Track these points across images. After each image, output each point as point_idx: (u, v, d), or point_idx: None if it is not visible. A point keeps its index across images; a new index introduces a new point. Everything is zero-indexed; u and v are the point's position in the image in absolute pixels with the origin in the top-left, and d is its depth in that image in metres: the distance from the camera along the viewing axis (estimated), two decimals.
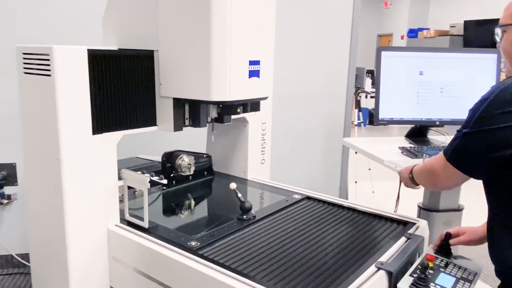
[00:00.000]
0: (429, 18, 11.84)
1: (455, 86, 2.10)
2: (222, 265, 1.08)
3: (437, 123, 2.11)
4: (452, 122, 2.14)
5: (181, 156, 1.70)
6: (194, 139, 2.03)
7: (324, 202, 1.56)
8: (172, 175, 1.70)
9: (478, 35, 9.31)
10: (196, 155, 1.78)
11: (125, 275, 1.30)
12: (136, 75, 1.34)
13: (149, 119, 1.40)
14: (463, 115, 2.12)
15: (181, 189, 1.71)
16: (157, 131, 1.45)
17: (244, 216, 1.37)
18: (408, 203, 2.61)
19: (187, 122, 1.44)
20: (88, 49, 1.21)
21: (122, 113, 1.32)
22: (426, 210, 2.09)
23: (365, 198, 4.26)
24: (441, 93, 2.09)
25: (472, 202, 2.49)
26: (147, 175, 1.30)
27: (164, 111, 1.40)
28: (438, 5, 11.52)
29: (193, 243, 1.19)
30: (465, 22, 9.78)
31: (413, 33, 11.48)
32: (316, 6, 2.81)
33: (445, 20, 10.81)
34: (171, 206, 1.61)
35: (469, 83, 2.11)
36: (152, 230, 1.28)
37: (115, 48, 1.43)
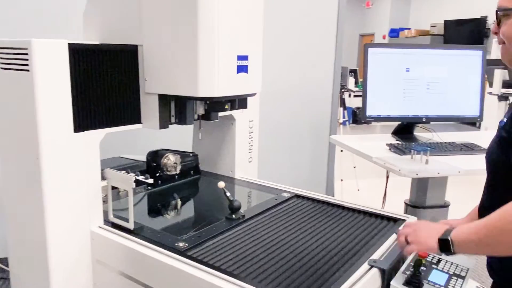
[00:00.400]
0: (410, 17, 12.03)
1: (441, 83, 2.11)
2: (211, 266, 1.04)
3: (424, 119, 2.13)
4: (438, 119, 2.15)
5: (166, 155, 1.65)
6: (179, 138, 1.98)
7: (313, 200, 1.54)
8: (157, 174, 1.65)
9: (458, 34, 9.52)
10: (182, 154, 1.74)
11: (109, 279, 1.25)
12: (119, 70, 1.29)
13: (134, 116, 1.35)
14: (449, 111, 2.15)
15: (167, 188, 1.67)
16: (142, 130, 1.40)
17: (233, 216, 1.34)
18: (394, 200, 2.63)
19: (173, 119, 1.40)
20: (68, 43, 1.15)
21: (105, 110, 1.27)
22: (413, 206, 2.10)
23: (350, 196, 4.28)
24: (427, 89, 2.10)
25: (458, 198, 2.52)
26: (132, 174, 1.25)
27: (149, 108, 1.35)
28: (418, 5, 11.70)
29: (181, 244, 1.15)
30: (445, 21, 9.97)
31: (394, 32, 11.65)
32: (302, 6, 2.81)
33: (425, 19, 10.99)
34: (157, 207, 1.56)
35: (454, 80, 2.12)
36: (137, 232, 1.24)
37: (97, 42, 1.38)
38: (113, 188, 1.32)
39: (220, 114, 1.55)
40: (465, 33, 9.29)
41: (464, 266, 1.16)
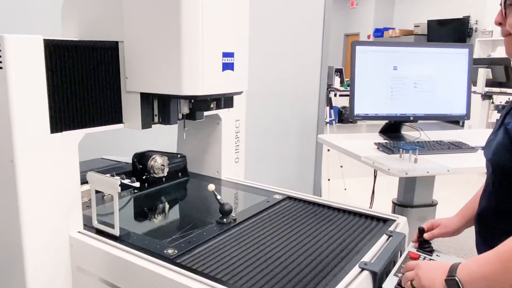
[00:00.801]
0: (394, 17, 12.15)
1: (428, 81, 2.10)
2: (202, 274, 0.99)
3: (411, 118, 2.11)
4: (425, 117, 2.14)
5: (153, 156, 1.58)
6: (164, 138, 1.93)
7: (306, 201, 1.50)
8: (144, 177, 1.59)
9: (441, 34, 9.66)
10: (170, 155, 1.67)
11: (90, 287, 1.19)
12: (98, 68, 1.23)
13: (114, 116, 1.29)
14: (436, 110, 2.15)
15: (154, 192, 1.60)
16: (124, 130, 1.35)
17: (224, 220, 1.28)
18: (381, 199, 2.62)
19: (156, 119, 1.35)
20: (44, 39, 1.09)
21: (83, 110, 1.21)
22: (401, 206, 2.09)
23: (337, 195, 4.27)
24: (414, 88, 2.09)
25: (445, 197, 2.52)
26: (117, 178, 1.19)
27: (131, 107, 1.29)
28: (402, 5, 11.83)
29: (170, 251, 1.09)
30: (428, 21, 10.10)
31: (379, 32, 11.75)
32: (288, 5, 2.78)
33: (409, 19, 11.11)
34: (144, 211, 1.50)
35: (442, 78, 2.12)
36: (123, 238, 1.17)
37: (76, 39, 1.31)
38: (97, 192, 1.26)
39: (206, 113, 1.51)
40: (448, 32, 9.42)
41: None
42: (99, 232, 1.21)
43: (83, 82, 1.20)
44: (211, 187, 1.31)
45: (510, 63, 4.55)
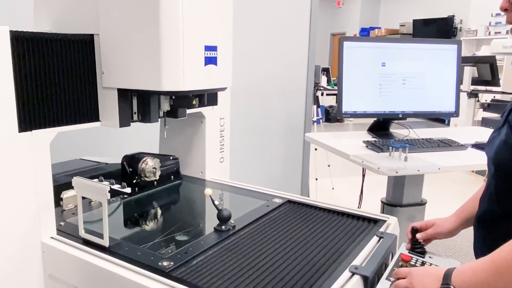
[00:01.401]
0: (380, 17, 12.23)
1: (417, 78, 2.07)
2: None
3: (400, 115, 2.08)
4: (414, 115, 2.11)
5: (144, 159, 1.49)
6: (145, 137, 1.86)
7: (308, 205, 1.42)
8: (134, 181, 1.49)
9: (425, 33, 9.76)
10: (162, 158, 1.58)
11: None
12: (72, 62, 1.16)
13: (90, 114, 1.22)
14: (425, 107, 2.12)
15: (145, 197, 1.50)
16: (101, 128, 1.27)
17: (223, 227, 1.20)
18: (369, 199, 2.59)
19: (135, 116, 1.28)
20: (11, 31, 1.01)
21: (55, 107, 1.13)
22: (390, 205, 2.06)
23: (325, 195, 4.25)
24: (403, 84, 2.05)
25: (434, 196, 2.50)
26: (106, 182, 1.09)
27: (108, 104, 1.22)
28: (388, 5, 11.91)
29: (165, 263, 1.00)
30: (414, 21, 10.20)
31: (365, 31, 11.82)
32: (275, 4, 2.74)
33: (395, 19, 11.20)
34: (135, 218, 1.40)
35: (430, 74, 2.09)
36: (113, 249, 1.08)
37: (47, 31, 1.24)
38: (83, 197, 1.16)
39: (188, 111, 1.44)
40: (433, 32, 9.52)
41: None
42: (87, 243, 1.11)
43: (55, 78, 1.12)
44: (208, 191, 1.22)
45: (496, 62, 4.57)
